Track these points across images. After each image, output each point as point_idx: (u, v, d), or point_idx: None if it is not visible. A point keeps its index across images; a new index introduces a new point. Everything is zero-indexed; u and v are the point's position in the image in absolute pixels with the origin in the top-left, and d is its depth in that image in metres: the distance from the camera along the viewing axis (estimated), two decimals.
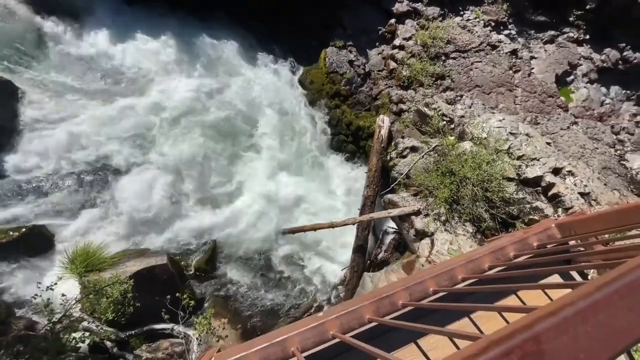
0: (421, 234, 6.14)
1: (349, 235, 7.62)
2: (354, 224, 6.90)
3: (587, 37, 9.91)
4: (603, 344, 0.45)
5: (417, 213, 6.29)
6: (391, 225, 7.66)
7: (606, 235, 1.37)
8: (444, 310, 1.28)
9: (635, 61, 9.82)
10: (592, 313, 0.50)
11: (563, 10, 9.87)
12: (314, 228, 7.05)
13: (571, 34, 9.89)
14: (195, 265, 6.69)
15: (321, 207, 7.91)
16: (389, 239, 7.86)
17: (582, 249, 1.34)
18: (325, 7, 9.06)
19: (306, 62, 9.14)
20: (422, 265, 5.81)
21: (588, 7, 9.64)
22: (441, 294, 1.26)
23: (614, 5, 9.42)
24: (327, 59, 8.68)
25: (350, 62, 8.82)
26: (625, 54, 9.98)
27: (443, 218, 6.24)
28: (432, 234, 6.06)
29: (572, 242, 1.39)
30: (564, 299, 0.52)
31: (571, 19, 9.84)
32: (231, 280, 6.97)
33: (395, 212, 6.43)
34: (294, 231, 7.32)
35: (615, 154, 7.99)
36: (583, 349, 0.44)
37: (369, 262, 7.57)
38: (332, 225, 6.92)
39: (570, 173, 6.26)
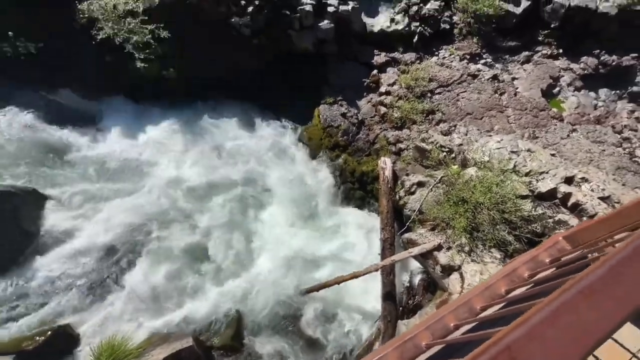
0: (448, 269, 5.88)
1: (376, 284, 7.32)
2: (377, 271, 6.68)
3: (561, 51, 10.43)
4: (572, 343, 0.46)
5: (439, 248, 6.10)
6: (416, 265, 7.38)
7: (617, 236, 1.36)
8: (473, 343, 1.23)
9: (614, 63, 10.16)
10: (558, 317, 0.52)
11: (530, 33, 10.55)
12: (337, 282, 6.84)
13: (545, 51, 10.44)
14: (221, 342, 6.42)
15: (340, 259, 7.75)
16: (417, 280, 7.51)
17: (595, 253, 1.32)
18: (312, 69, 9.92)
19: (302, 122, 9.71)
20: None
21: (552, 25, 10.31)
22: (464, 327, 1.23)
23: (576, 22, 10.08)
24: (320, 116, 9.22)
25: (343, 115, 9.33)
26: (602, 58, 10.38)
27: (467, 248, 6.03)
28: (459, 267, 5.81)
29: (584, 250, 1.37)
30: (533, 309, 0.55)
31: (540, 38, 10.47)
32: (260, 354, 6.60)
33: (415, 250, 6.25)
34: (317, 289, 7.09)
35: (624, 153, 7.87)
36: (554, 351, 0.46)
37: (401, 308, 7.15)
38: (355, 276, 6.71)
39: (584, 179, 6.14)
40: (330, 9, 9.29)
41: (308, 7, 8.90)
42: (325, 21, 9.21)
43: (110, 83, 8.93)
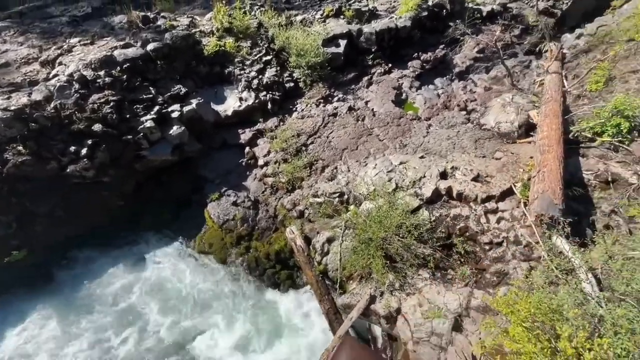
0: (390, 319, 5.45)
1: None
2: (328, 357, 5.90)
3: (390, 65, 11.90)
4: None
5: (373, 300, 5.69)
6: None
7: None
8: None
9: (431, 58, 11.94)
10: None
11: (361, 61, 11.89)
12: None
13: (379, 70, 11.78)
14: None
15: (292, 354, 6.79)
16: (378, 334, 6.91)
17: None
18: (185, 173, 9.40)
19: (196, 230, 8.89)
20: (414, 351, 5.00)
21: (373, 50, 11.82)
22: None
23: (387, 39, 11.74)
24: (212, 216, 8.56)
25: (235, 203, 8.82)
26: (422, 57, 12.13)
27: (397, 284, 5.73)
28: (399, 310, 5.43)
29: None
30: None
31: (370, 62, 11.84)
32: None
33: (354, 313, 5.73)
34: None
35: (474, 126, 8.90)
36: None
37: None
38: None
39: (454, 168, 6.56)
40: (175, 114, 9.09)
41: (149, 123, 8.55)
42: (175, 127, 8.94)
43: None
